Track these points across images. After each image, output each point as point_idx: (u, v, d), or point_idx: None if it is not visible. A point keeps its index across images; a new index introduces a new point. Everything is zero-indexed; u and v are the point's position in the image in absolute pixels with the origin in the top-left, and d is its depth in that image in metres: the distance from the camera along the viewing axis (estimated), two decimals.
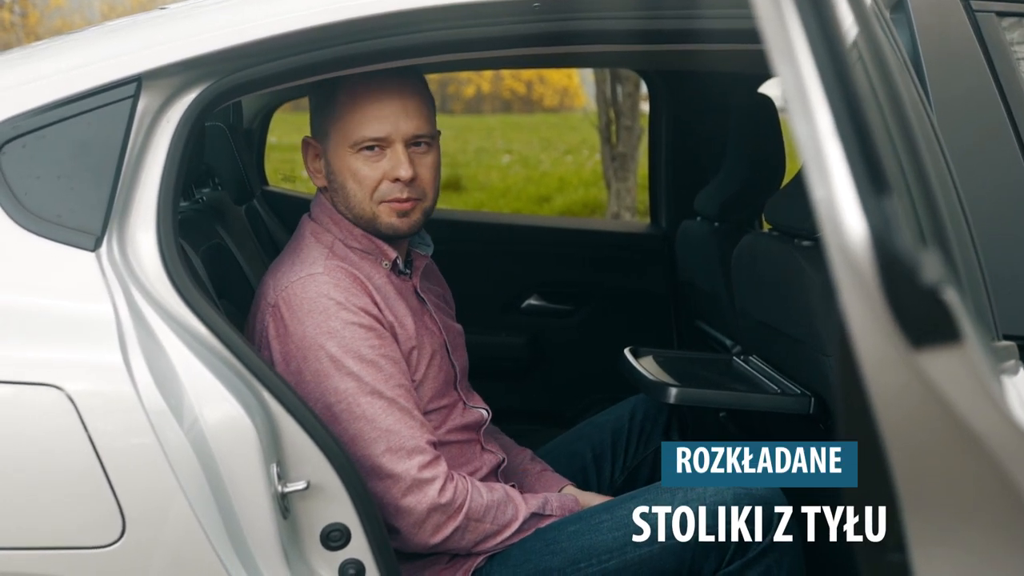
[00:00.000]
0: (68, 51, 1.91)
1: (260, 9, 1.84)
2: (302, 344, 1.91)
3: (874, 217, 0.78)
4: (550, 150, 15.48)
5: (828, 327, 1.99)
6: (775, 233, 2.28)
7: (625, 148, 7.91)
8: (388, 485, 1.90)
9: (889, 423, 0.85)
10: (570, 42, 2.00)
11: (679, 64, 3.28)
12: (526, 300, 3.64)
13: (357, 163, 2.00)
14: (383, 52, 1.85)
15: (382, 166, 2.00)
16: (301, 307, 1.92)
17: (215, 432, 1.68)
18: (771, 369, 2.32)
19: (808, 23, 0.84)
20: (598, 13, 1.87)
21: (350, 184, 2.02)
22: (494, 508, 1.99)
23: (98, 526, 1.62)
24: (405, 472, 1.89)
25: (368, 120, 2.00)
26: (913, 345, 0.81)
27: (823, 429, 2.12)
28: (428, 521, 1.91)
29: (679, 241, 3.32)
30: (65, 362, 1.65)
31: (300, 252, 2.02)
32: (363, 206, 2.02)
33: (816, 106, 0.81)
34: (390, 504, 1.90)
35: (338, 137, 2.02)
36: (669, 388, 2.12)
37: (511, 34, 1.88)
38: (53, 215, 1.73)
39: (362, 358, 1.90)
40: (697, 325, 3.31)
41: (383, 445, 1.89)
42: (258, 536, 1.71)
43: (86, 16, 22.43)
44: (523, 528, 2.01)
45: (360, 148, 2.00)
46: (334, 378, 1.90)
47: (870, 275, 0.79)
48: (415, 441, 1.91)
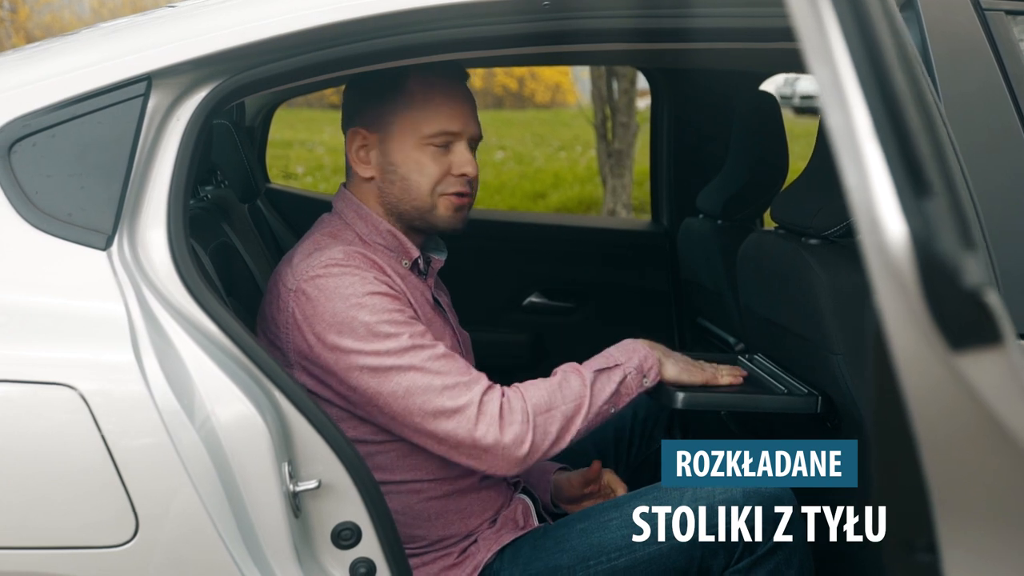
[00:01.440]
0: (78, 50, 1.90)
1: (270, 7, 1.83)
2: (334, 320, 1.90)
3: (914, 219, 0.78)
4: (543, 146, 15.48)
5: (836, 325, 1.99)
6: (781, 231, 2.28)
7: (621, 144, 7.91)
8: (459, 421, 1.88)
9: (924, 423, 0.85)
10: (579, 40, 2.00)
11: (684, 62, 3.29)
12: (527, 298, 3.64)
13: (424, 156, 2.04)
14: (394, 50, 1.85)
15: (447, 160, 2.05)
16: (327, 287, 1.92)
17: (227, 431, 1.68)
18: (777, 367, 2.32)
19: (845, 20, 0.83)
20: (607, 11, 1.87)
21: (414, 176, 2.04)
22: (556, 390, 1.96)
23: (111, 525, 1.62)
24: (470, 401, 1.88)
25: (446, 115, 2.04)
26: (952, 347, 0.81)
27: (830, 427, 2.12)
28: (507, 432, 1.89)
29: (681, 238, 3.33)
30: (77, 361, 1.65)
31: (318, 244, 2.02)
32: (424, 198, 2.05)
33: (854, 105, 0.81)
34: (466, 438, 1.89)
35: (407, 129, 2.04)
36: (676, 392, 2.12)
37: (521, 32, 1.88)
38: (64, 214, 1.72)
39: (394, 321, 1.91)
40: (699, 323, 3.31)
41: (439, 385, 1.89)
42: (270, 535, 1.71)
43: (76, 12, 22.37)
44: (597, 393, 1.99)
45: (430, 141, 2.03)
46: (374, 342, 1.89)
47: (910, 277, 0.79)
48: (468, 375, 1.92)
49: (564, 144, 15.72)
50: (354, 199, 2.08)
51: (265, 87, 1.88)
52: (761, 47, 2.09)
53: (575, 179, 11.71)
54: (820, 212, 2.08)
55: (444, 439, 1.89)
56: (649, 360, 2.06)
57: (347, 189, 2.12)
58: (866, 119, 0.79)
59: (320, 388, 1.94)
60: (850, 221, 2.05)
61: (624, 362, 2.03)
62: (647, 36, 1.95)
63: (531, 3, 1.83)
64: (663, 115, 3.68)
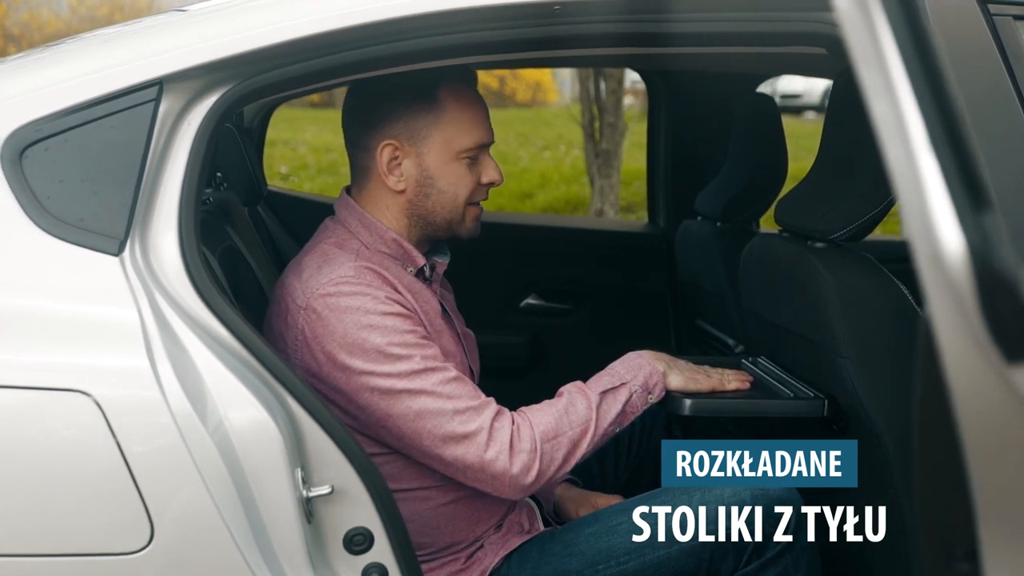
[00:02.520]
0: (89, 54, 1.90)
1: (281, 12, 1.83)
2: (345, 341, 1.90)
3: (973, 232, 0.79)
4: (527, 146, 15.47)
5: (843, 328, 2.00)
6: (785, 234, 2.29)
7: (609, 145, 7.93)
8: (468, 446, 1.89)
9: (973, 433, 0.85)
10: (589, 45, 2.00)
11: (682, 64, 3.29)
12: (525, 299, 3.64)
13: (461, 168, 2.05)
14: (402, 55, 1.85)
15: (476, 171, 2.08)
16: (338, 306, 1.91)
17: (241, 437, 1.68)
18: (780, 370, 2.33)
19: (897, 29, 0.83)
20: (616, 16, 1.87)
21: (452, 189, 2.05)
22: (563, 414, 1.97)
23: (126, 532, 1.62)
24: (480, 427, 1.89)
25: (478, 127, 2.06)
26: (1008, 359, 0.82)
27: (836, 430, 2.13)
28: (515, 462, 1.90)
29: (679, 241, 3.33)
30: (92, 368, 1.64)
31: (326, 256, 2.01)
32: (457, 210, 2.07)
33: (909, 118, 0.81)
34: (475, 463, 1.90)
35: (446, 142, 2.04)
36: (684, 400, 2.13)
37: (532, 37, 1.89)
38: (76, 219, 1.72)
39: (406, 342, 1.90)
40: (698, 324, 3.32)
41: (450, 409, 1.89)
42: (284, 541, 1.71)
43: (54, 9, 22.26)
44: (602, 414, 2.00)
45: (466, 155, 2.05)
46: (385, 364, 1.89)
47: (967, 289, 0.80)
48: (478, 399, 1.92)
49: (548, 143, 15.71)
50: (357, 207, 2.07)
51: (275, 92, 1.88)
52: (765, 51, 2.10)
53: (561, 179, 11.71)
54: (827, 215, 2.09)
55: (452, 463, 1.90)
56: (654, 376, 2.08)
57: (351, 196, 2.11)
58: (922, 131, 0.80)
59: (329, 406, 1.93)
60: (857, 224, 2.06)
61: (630, 380, 2.04)
62: (661, 41, 1.95)
63: (543, 7, 1.83)
64: (660, 118, 3.69)
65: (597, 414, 1.98)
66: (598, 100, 7.99)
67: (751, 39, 1.94)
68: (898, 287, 2.01)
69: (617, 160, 8.03)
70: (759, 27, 1.88)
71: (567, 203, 9.94)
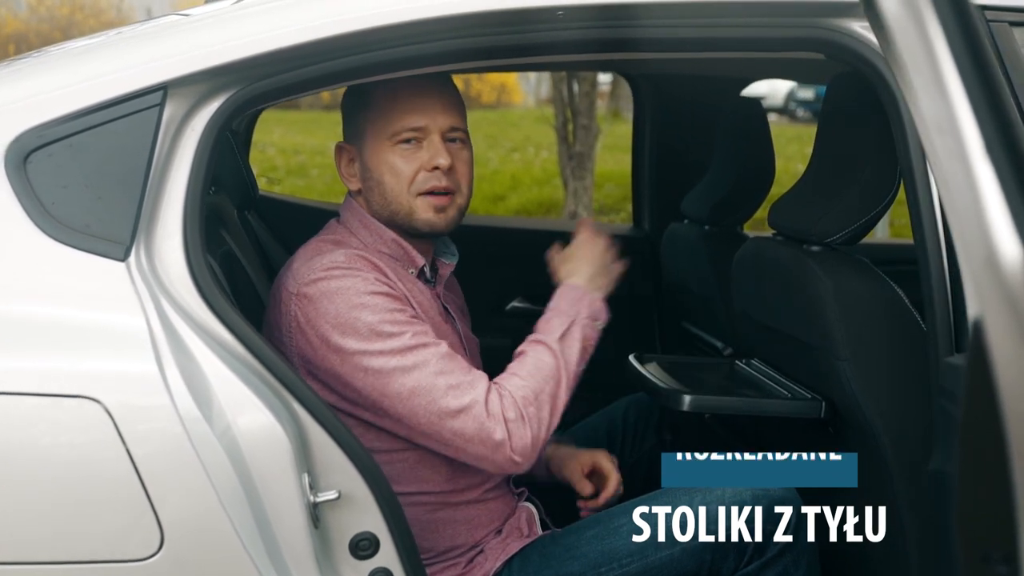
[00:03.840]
0: (93, 59, 1.89)
1: (285, 18, 1.83)
2: (337, 322, 1.90)
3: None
4: (496, 148, 15.49)
5: (841, 331, 2.02)
6: (779, 238, 2.31)
7: (583, 147, 7.95)
8: (464, 420, 1.89)
9: (1020, 435, 0.87)
10: (590, 50, 2.01)
11: (674, 68, 3.31)
12: (511, 303, 3.64)
13: (394, 157, 2.03)
14: (406, 60, 1.85)
15: (420, 157, 2.03)
16: (328, 288, 1.92)
17: (249, 443, 1.67)
18: (774, 372, 2.36)
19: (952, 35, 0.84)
20: (619, 21, 1.88)
21: (387, 178, 2.04)
22: (534, 373, 1.97)
23: (136, 539, 1.61)
24: (474, 400, 1.89)
25: (407, 112, 2.03)
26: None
27: (831, 432, 2.16)
28: (513, 433, 1.89)
29: (666, 244, 3.35)
30: (101, 374, 1.63)
31: (319, 251, 2.02)
32: (401, 200, 2.04)
33: (964, 123, 0.82)
34: (474, 437, 1.89)
35: (375, 133, 2.04)
36: (683, 396, 2.14)
37: (534, 42, 1.89)
38: (81, 224, 1.71)
39: (396, 320, 1.91)
40: (684, 327, 3.33)
41: (443, 385, 1.89)
42: (293, 547, 1.71)
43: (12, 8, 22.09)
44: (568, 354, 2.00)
45: (398, 140, 2.03)
46: (377, 342, 1.89)
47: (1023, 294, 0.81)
48: (470, 374, 1.93)
49: (516, 145, 15.74)
50: (359, 208, 2.09)
51: (278, 97, 1.87)
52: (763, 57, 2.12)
53: (533, 181, 11.72)
54: (823, 219, 2.11)
55: (451, 440, 1.90)
56: (595, 303, 2.09)
57: (352, 199, 2.12)
58: (976, 135, 0.81)
59: (326, 393, 1.93)
60: (853, 227, 2.08)
61: (576, 315, 2.05)
62: (663, 46, 1.96)
63: (547, 12, 1.84)
64: (646, 121, 3.71)
65: (564, 360, 1.98)
66: (571, 102, 8.01)
67: (751, 44, 1.95)
68: (893, 289, 2.04)
69: (591, 162, 8.05)
70: (759, 32, 1.90)
71: (540, 205, 9.95)
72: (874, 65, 1.84)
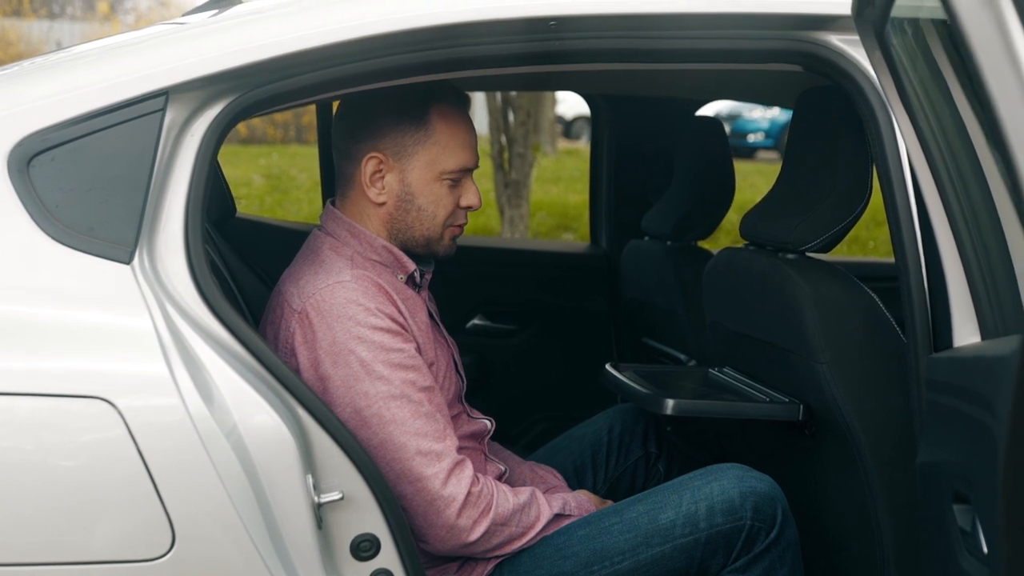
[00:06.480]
0: (96, 64, 1.90)
1: (284, 25, 1.86)
2: (331, 349, 1.92)
3: None
4: None
5: (820, 335, 2.08)
6: (752, 247, 2.37)
7: (518, 175, 7.99)
8: (419, 487, 1.92)
9: None
10: (582, 60, 2.05)
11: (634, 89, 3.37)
12: (471, 320, 3.67)
13: (442, 189, 2.09)
14: (403, 68, 1.89)
15: (457, 193, 2.11)
16: (331, 312, 1.94)
17: (256, 444, 1.69)
18: (747, 379, 2.41)
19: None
20: (611, 32, 1.93)
21: (431, 208, 2.09)
22: (519, 511, 2.02)
23: (148, 539, 1.62)
24: (435, 475, 1.92)
25: (466, 149, 2.10)
26: None
27: (808, 435, 2.21)
28: (463, 516, 1.94)
29: (627, 260, 3.40)
30: (111, 375, 1.64)
31: (323, 262, 2.04)
32: (436, 229, 2.10)
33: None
34: (423, 504, 1.93)
35: (430, 163, 2.07)
36: (666, 400, 2.19)
37: (526, 52, 1.93)
38: (85, 227, 1.72)
39: (391, 362, 1.93)
40: (644, 342, 3.38)
41: (413, 448, 1.92)
42: (299, 547, 1.72)
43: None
44: (544, 530, 2.06)
45: (449, 176, 2.08)
46: (364, 382, 1.92)
47: None
48: (444, 444, 1.95)
49: None
50: (345, 218, 2.10)
51: (277, 103, 1.90)
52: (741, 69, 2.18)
53: None
54: (799, 227, 2.17)
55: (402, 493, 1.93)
56: (590, 508, 2.18)
57: (337, 209, 2.13)
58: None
59: None
60: (830, 234, 2.15)
61: (574, 516, 2.12)
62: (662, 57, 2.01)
63: (539, 23, 1.88)
64: (603, 141, 3.77)
65: (541, 530, 2.05)
66: (507, 131, 8.06)
67: (730, 56, 2.00)
68: (869, 295, 2.11)
69: (526, 190, 8.10)
70: (738, 44, 1.95)
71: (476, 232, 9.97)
72: (852, 78, 1.91)
